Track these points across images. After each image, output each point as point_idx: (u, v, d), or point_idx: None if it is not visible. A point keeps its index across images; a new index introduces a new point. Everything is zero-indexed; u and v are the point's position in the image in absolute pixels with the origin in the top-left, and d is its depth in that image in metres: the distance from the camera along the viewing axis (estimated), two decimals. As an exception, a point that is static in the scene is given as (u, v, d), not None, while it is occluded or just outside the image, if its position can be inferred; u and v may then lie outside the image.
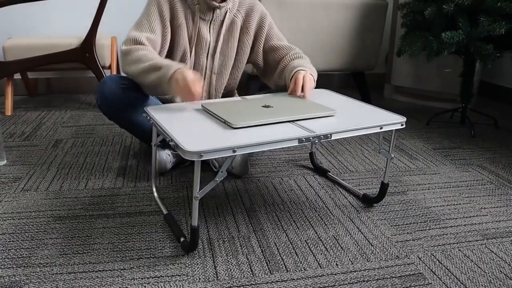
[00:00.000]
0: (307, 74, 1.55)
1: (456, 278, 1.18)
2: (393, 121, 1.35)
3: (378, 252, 1.28)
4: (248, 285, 1.13)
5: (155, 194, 1.57)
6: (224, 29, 1.71)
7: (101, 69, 2.61)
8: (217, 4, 1.64)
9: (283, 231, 1.38)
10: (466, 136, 2.37)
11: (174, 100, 1.78)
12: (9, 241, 1.29)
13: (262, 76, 1.88)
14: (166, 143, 1.74)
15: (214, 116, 1.32)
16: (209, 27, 1.69)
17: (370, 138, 2.29)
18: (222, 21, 1.70)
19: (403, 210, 1.54)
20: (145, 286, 1.11)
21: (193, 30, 1.68)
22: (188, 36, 1.68)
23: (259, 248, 1.28)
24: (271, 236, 1.35)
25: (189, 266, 1.19)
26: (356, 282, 1.14)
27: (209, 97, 1.81)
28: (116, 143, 2.12)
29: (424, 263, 1.24)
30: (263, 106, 1.36)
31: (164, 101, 1.78)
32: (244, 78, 2.53)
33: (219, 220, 1.43)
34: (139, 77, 1.52)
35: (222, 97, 1.86)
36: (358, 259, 1.25)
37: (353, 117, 1.38)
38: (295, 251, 1.27)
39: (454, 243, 1.34)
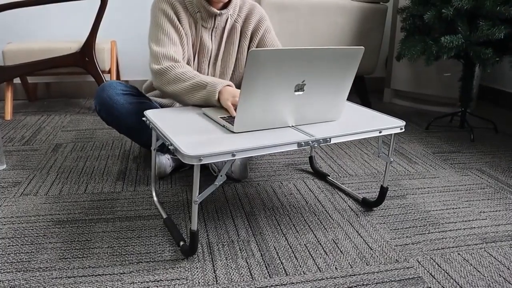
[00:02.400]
0: None
1: (455, 282, 1.18)
2: (393, 125, 1.36)
3: (377, 256, 1.28)
4: (247, 289, 1.13)
5: (155, 198, 1.57)
6: (225, 36, 1.71)
7: (101, 74, 2.62)
8: (217, 11, 1.64)
9: (282, 235, 1.38)
10: (466, 140, 2.37)
11: (174, 105, 1.78)
12: (8, 246, 1.29)
13: None
14: (164, 149, 1.75)
15: (213, 121, 1.32)
16: (211, 35, 1.69)
17: (370, 142, 2.29)
18: (224, 28, 1.70)
19: (403, 214, 1.54)
20: (144, 290, 1.11)
21: (195, 38, 1.67)
22: (190, 44, 1.69)
23: (258, 252, 1.28)
24: (271, 240, 1.35)
25: (189, 270, 1.19)
26: (355, 286, 1.14)
27: None
28: (115, 147, 2.13)
29: (423, 267, 1.24)
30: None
31: (163, 107, 1.78)
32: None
33: (219, 224, 1.44)
34: (181, 96, 1.52)
35: None
36: (357, 263, 1.25)
37: (353, 121, 1.38)
38: (294, 255, 1.27)
39: (453, 247, 1.34)
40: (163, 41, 1.59)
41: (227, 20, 1.69)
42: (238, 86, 1.84)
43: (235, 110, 1.25)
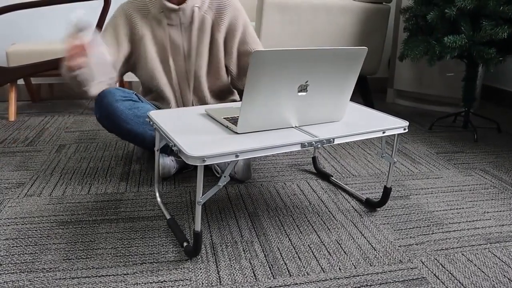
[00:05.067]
0: None
1: (460, 282, 1.17)
2: (396, 125, 1.35)
3: (381, 257, 1.28)
4: (251, 290, 1.13)
5: (158, 199, 1.58)
6: (195, 29, 1.70)
7: (104, 75, 2.62)
8: (176, 6, 1.64)
9: (286, 235, 1.38)
10: (469, 140, 2.37)
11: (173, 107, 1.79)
12: (12, 246, 1.29)
13: (236, 80, 1.83)
14: (167, 151, 1.74)
15: (217, 121, 1.32)
16: (180, 31, 1.69)
17: (373, 143, 2.29)
18: (191, 22, 1.69)
19: (406, 214, 1.54)
20: (148, 291, 1.11)
21: (165, 38, 1.69)
22: (159, 46, 1.71)
23: (262, 253, 1.28)
24: (274, 240, 1.35)
25: (192, 271, 1.19)
26: (359, 287, 1.14)
27: (199, 101, 1.81)
28: (119, 148, 2.13)
29: (427, 267, 1.23)
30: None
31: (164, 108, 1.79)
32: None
33: (222, 224, 1.44)
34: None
35: (219, 98, 1.86)
36: (361, 263, 1.24)
37: (356, 121, 1.38)
38: (298, 256, 1.27)
39: (457, 247, 1.34)
40: None
41: (193, 13, 1.68)
42: (222, 82, 1.82)
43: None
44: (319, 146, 1.21)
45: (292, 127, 1.29)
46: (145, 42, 1.70)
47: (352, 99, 1.51)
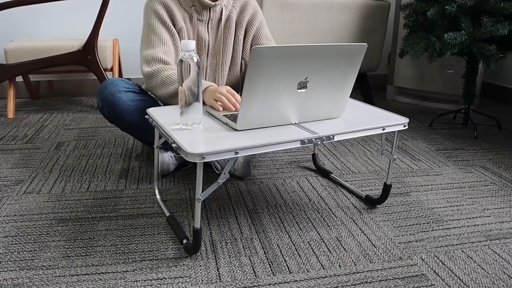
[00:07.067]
0: None
1: (459, 279, 1.17)
2: (396, 122, 1.35)
3: (381, 254, 1.27)
4: (251, 286, 1.12)
5: (158, 196, 1.57)
6: (221, 27, 1.72)
7: (103, 72, 2.62)
8: (212, 3, 1.65)
9: (285, 232, 1.38)
10: (469, 137, 2.36)
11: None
12: (11, 244, 1.29)
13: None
14: (168, 145, 1.74)
15: (216, 118, 1.32)
16: (207, 27, 1.70)
17: (373, 139, 2.28)
18: (219, 19, 1.70)
19: (406, 211, 1.53)
20: (147, 288, 1.11)
21: (191, 32, 1.68)
22: (188, 39, 1.69)
23: (261, 250, 1.28)
24: (274, 237, 1.35)
25: (192, 268, 1.19)
26: (359, 284, 1.14)
27: None
28: (118, 145, 2.13)
29: (427, 264, 1.23)
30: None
31: (166, 104, 1.78)
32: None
33: (222, 222, 1.43)
34: (169, 99, 1.56)
35: None
36: (361, 260, 1.24)
37: (356, 118, 1.38)
38: (298, 253, 1.27)
39: (457, 244, 1.33)
40: (153, 42, 1.61)
41: (222, 11, 1.70)
42: (236, 77, 1.85)
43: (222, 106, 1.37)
44: (319, 143, 1.21)
45: (292, 124, 1.29)
46: (182, 35, 1.68)
47: (352, 96, 1.51)
